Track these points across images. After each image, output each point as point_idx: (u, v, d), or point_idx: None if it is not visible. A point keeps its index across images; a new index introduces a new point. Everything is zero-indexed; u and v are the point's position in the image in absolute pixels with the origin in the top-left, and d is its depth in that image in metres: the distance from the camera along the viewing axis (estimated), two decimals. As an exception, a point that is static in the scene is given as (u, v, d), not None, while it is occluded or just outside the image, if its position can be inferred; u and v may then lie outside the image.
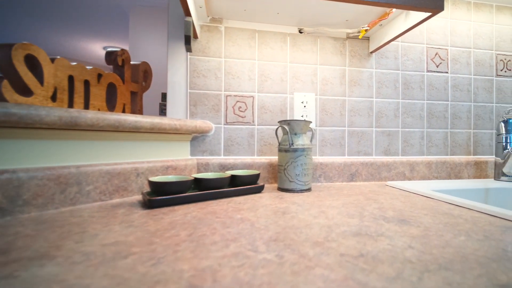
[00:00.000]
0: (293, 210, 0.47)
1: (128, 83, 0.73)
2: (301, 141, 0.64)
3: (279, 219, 0.41)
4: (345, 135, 0.81)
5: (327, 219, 0.42)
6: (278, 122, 0.66)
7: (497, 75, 0.93)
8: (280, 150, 0.65)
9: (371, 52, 0.82)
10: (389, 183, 0.75)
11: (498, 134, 0.81)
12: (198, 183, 0.55)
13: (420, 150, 0.86)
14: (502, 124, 0.81)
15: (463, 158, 0.87)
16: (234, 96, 0.75)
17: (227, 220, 0.40)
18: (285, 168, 0.63)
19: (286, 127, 0.63)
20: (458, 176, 0.86)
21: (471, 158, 0.88)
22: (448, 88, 0.89)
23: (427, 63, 0.87)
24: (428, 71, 0.87)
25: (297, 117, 0.78)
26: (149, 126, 0.57)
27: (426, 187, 0.69)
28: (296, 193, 0.62)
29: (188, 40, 0.59)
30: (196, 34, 0.69)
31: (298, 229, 0.37)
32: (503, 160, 0.79)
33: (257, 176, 0.63)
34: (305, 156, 0.63)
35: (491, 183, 0.76)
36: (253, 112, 0.76)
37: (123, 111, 0.71)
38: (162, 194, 0.49)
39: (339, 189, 0.67)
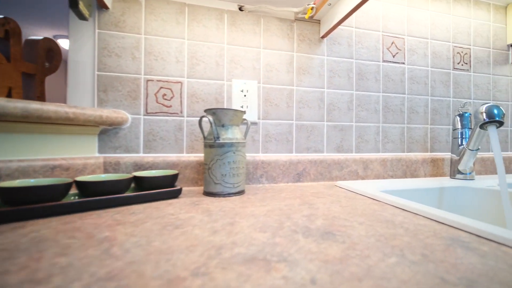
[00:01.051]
0: (194, 223, 0.35)
1: (17, 62, 0.58)
2: (230, 135, 0.53)
3: (159, 238, 0.30)
4: (292, 129, 0.72)
5: (229, 235, 0.31)
6: (204, 111, 0.54)
7: (454, 68, 0.89)
8: (205, 146, 0.53)
9: (322, 37, 0.73)
10: (339, 183, 0.66)
11: (454, 129, 0.76)
12: (83, 188, 0.41)
13: (376, 146, 0.79)
14: (458, 118, 0.75)
15: (419, 155, 0.81)
16: (158, 81, 0.62)
17: (78, 243, 0.28)
18: (210, 167, 0.52)
19: (211, 117, 0.52)
20: (414, 175, 0.80)
21: (428, 155, 0.82)
22: (405, 80, 0.83)
23: (383, 52, 0.80)
24: (384, 61, 0.80)
25: (236, 108, 0.67)
26: (21, 113, 0.43)
27: (377, 188, 0.61)
28: (222, 198, 0.50)
29: (74, 2, 0.46)
30: (104, 2, 0.56)
31: (170, 254, 0.26)
32: (458, 157, 0.74)
33: (173, 178, 0.51)
34: (234, 153, 0.52)
35: (446, 181, 0.70)
36: (181, 101, 0.63)
37: (9, 97, 0.56)
38: (18, 204, 0.36)
39: (278, 192, 0.57)
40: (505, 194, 0.52)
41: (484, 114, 0.58)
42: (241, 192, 0.54)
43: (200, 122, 0.53)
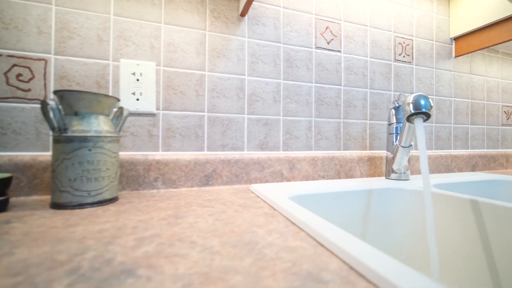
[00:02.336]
0: None
1: None
2: (86, 126, 0.39)
3: None
4: (204, 122, 0.60)
5: None
6: (53, 93, 0.40)
7: (395, 59, 0.82)
8: (53, 141, 0.40)
9: (242, 15, 0.62)
10: (253, 187, 0.55)
11: (389, 124, 0.68)
12: None
13: (307, 143, 0.70)
14: (393, 112, 0.68)
15: (355, 153, 0.73)
16: (9, 56, 0.47)
17: None
18: (55, 169, 0.39)
19: (53, 102, 0.38)
20: (348, 175, 0.71)
21: (365, 153, 0.74)
22: (341, 70, 0.74)
23: (316, 37, 0.71)
24: (317, 47, 0.71)
25: (125, 94, 0.53)
26: None
27: (296, 191, 0.51)
28: (70, 210, 0.37)
29: None
30: None
31: None
32: (392, 155, 0.66)
33: (2, 183, 0.37)
34: (91, 150, 0.39)
35: (378, 182, 0.62)
36: (45, 83, 0.49)
37: None
38: None
39: (167, 199, 0.45)
40: (428, 196, 0.44)
41: (411, 105, 0.51)
42: (105, 202, 0.41)
43: (44, 108, 0.40)
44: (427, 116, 0.50)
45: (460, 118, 0.94)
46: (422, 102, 0.50)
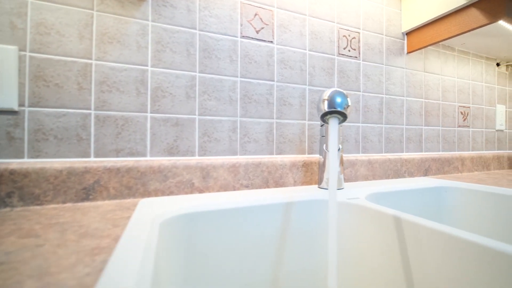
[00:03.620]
0: None
1: None
2: None
3: None
4: (89, 122, 0.49)
5: None
6: None
7: (339, 53, 0.74)
8: None
9: (143, -6, 0.52)
10: (143, 202, 0.45)
11: (321, 125, 0.60)
12: None
13: (231, 147, 0.60)
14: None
15: (287, 158, 0.64)
16: None
17: None
18: None
19: None
20: (279, 183, 0.62)
21: (300, 157, 0.66)
22: (274, 64, 0.65)
23: (241, 25, 0.62)
24: (243, 36, 0.62)
25: (-27, 86, 0.42)
26: None
27: (186, 208, 0.41)
28: None
29: None
30: None
31: None
32: (323, 160, 0.58)
33: None
34: None
35: (307, 192, 0.54)
36: None
37: None
38: None
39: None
40: (333, 209, 0.36)
41: (325, 103, 0.42)
42: None
43: None
44: (343, 116, 0.41)
45: (413, 118, 0.87)
46: (338, 99, 0.42)
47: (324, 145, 0.53)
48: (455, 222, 0.66)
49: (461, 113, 0.99)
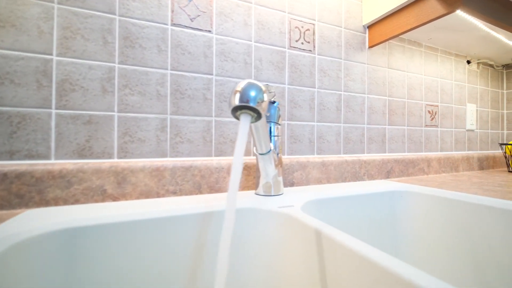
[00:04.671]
0: None
1: None
2: None
3: None
4: (-28, 120, 0.42)
5: None
6: None
7: (290, 46, 0.69)
8: None
9: (44, -29, 0.45)
10: (30, 213, 0.38)
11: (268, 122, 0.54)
12: None
13: (159, 148, 0.54)
14: None
15: (225, 160, 0.58)
16: None
17: None
18: None
19: None
20: (215, 188, 0.56)
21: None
22: (212, 56, 0.59)
23: (173, 11, 0.55)
24: (175, 24, 0.55)
25: None
26: None
27: (83, 220, 0.34)
28: None
29: None
30: None
31: None
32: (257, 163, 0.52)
33: None
34: None
35: (242, 199, 0.48)
36: None
37: None
38: None
39: None
40: (230, 217, 0.30)
41: (236, 96, 0.36)
42: None
43: None
44: (256, 113, 0.35)
45: (375, 117, 0.82)
46: (252, 93, 0.36)
47: (254, 147, 0.47)
48: (405, 230, 0.61)
49: (429, 112, 0.95)
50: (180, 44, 0.56)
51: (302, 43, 0.70)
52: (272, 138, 0.52)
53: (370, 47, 0.81)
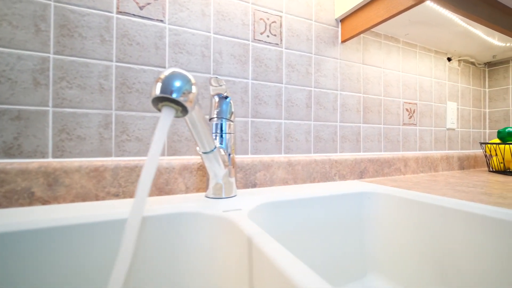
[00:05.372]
0: None
1: None
2: None
3: None
4: None
5: None
6: None
7: (254, 39, 0.65)
8: None
9: (-39, -51, 0.40)
10: None
11: (210, 119, 0.50)
12: None
13: (102, 147, 0.49)
14: (214, 101, 0.50)
15: (177, 160, 0.54)
16: None
17: None
18: None
19: None
20: (164, 191, 0.52)
21: (195, 159, 0.55)
22: (165, 47, 0.55)
23: (119, -2, 0.51)
24: (121, 12, 0.51)
25: None
26: None
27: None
28: None
29: None
30: None
31: None
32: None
33: None
34: None
35: (190, 202, 0.44)
36: None
37: None
38: None
39: None
40: (133, 222, 0.25)
41: (157, 86, 0.31)
42: None
43: None
44: (181, 107, 0.31)
45: (349, 115, 0.79)
46: (177, 83, 0.31)
47: (198, 147, 0.43)
48: (373, 233, 0.57)
49: (407, 110, 0.92)
50: (127, 34, 0.52)
51: (268, 36, 0.66)
52: (224, 135, 0.48)
53: (343, 41, 0.77)
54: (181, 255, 0.40)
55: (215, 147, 0.41)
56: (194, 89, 0.32)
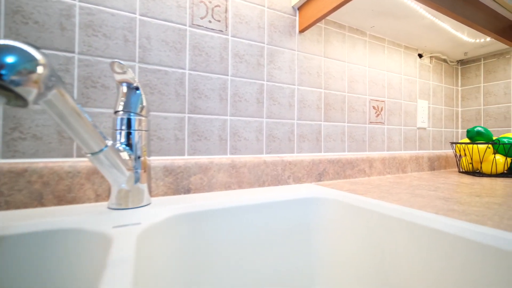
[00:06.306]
0: None
1: None
2: None
3: None
4: None
5: None
6: None
7: (193, 24, 0.57)
8: None
9: None
10: None
11: (115, 112, 0.41)
12: None
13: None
14: (123, 90, 0.41)
15: (84, 162, 0.45)
16: None
17: None
18: None
19: None
20: (66, 199, 0.43)
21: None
22: (74, 29, 0.46)
23: (10, -34, 0.42)
24: (14, -16, 0.42)
25: None
26: None
27: None
28: None
29: None
30: None
31: None
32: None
33: None
34: None
35: (86, 215, 0.35)
36: None
37: None
38: None
39: None
40: None
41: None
42: None
43: None
44: (14, 94, 0.23)
45: (308, 112, 0.72)
46: (10, 59, 0.23)
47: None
48: (320, 243, 0.51)
49: (374, 107, 0.87)
50: (21, 11, 0.43)
51: (210, 22, 0.59)
52: (133, 132, 0.40)
53: (301, 31, 0.71)
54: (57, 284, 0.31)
55: (106, 146, 0.33)
56: (40, 69, 0.24)
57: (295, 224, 0.50)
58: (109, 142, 0.34)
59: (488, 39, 0.92)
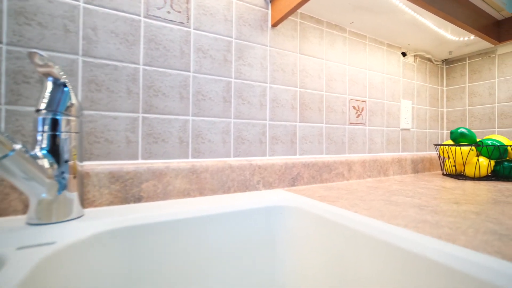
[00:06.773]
0: None
1: None
2: None
3: None
4: None
5: None
6: None
7: (148, 15, 0.51)
8: None
9: None
10: None
11: (36, 111, 0.36)
12: None
13: None
14: (48, 86, 0.36)
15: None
16: None
17: None
18: None
19: None
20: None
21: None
22: (2, 16, 0.40)
23: None
24: None
25: None
26: None
27: None
28: None
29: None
30: None
31: None
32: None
33: None
34: None
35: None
36: None
37: None
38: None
39: None
40: None
41: None
42: None
43: None
44: None
45: (281, 112, 0.67)
46: None
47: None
48: (284, 256, 0.46)
49: (354, 107, 0.83)
50: None
51: (169, 12, 0.53)
52: (59, 135, 0.34)
53: (274, 25, 0.66)
54: None
55: (13, 150, 0.28)
56: None
57: (258, 236, 0.46)
58: (17, 146, 0.28)
59: (472, 37, 0.89)
